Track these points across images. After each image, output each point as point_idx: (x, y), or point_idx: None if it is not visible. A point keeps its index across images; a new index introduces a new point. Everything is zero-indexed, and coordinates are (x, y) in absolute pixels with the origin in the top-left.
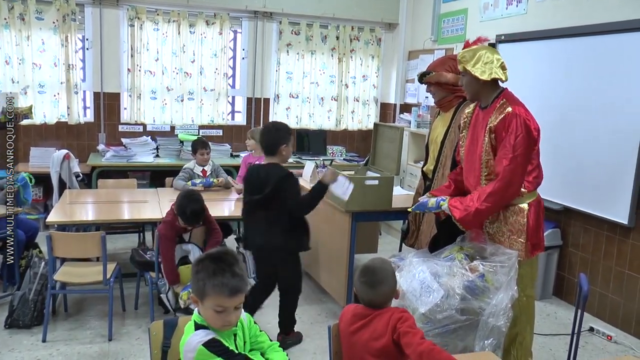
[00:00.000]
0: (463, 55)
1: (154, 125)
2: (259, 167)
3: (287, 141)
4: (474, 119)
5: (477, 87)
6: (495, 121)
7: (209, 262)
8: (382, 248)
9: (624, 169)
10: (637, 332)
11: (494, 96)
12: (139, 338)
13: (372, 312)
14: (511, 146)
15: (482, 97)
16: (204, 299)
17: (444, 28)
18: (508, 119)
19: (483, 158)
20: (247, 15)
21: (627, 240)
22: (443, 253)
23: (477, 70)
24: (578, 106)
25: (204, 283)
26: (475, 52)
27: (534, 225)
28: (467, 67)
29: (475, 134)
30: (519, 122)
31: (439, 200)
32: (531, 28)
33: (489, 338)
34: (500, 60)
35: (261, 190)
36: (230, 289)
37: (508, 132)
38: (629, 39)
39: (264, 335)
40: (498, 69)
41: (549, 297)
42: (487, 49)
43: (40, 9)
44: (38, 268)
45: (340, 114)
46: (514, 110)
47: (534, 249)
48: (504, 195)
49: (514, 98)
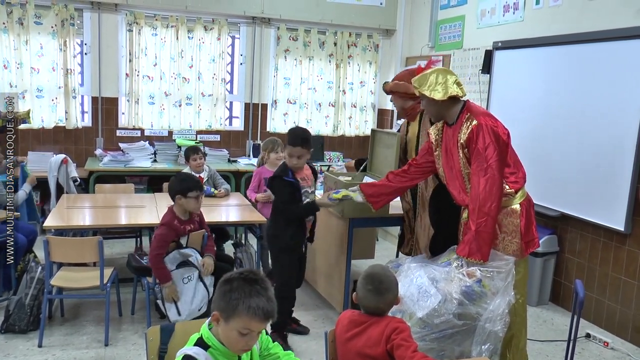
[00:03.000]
0: (416, 81)
1: (151, 130)
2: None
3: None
4: (444, 135)
5: (437, 108)
6: (465, 136)
7: (243, 283)
8: (379, 254)
9: (620, 176)
10: (633, 339)
11: (458, 112)
12: (135, 343)
13: (369, 319)
14: (483, 157)
15: (446, 116)
16: (232, 319)
17: (442, 35)
18: (475, 131)
19: (463, 172)
20: (245, 21)
21: (623, 247)
22: (440, 259)
23: (434, 93)
24: (574, 113)
25: (238, 303)
26: (426, 77)
27: (526, 223)
28: (423, 91)
29: (449, 151)
30: (485, 132)
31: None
32: (528, 35)
33: (486, 343)
34: (453, 77)
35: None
36: (265, 313)
37: (477, 143)
38: (624, 47)
39: (277, 346)
40: (453, 86)
41: (546, 303)
42: (437, 71)
43: (39, 14)
44: (35, 273)
45: (337, 120)
46: (479, 121)
47: (528, 246)
48: (496, 198)
49: (477, 109)
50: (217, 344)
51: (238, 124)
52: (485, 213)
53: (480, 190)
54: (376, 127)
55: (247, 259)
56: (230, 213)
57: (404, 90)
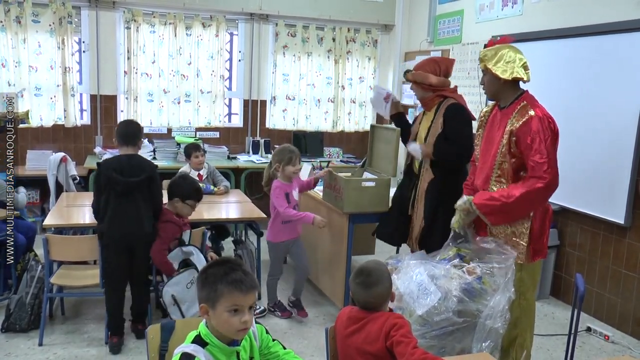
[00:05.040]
0: (485, 53)
1: (150, 127)
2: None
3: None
4: (490, 118)
5: (497, 87)
6: (517, 124)
7: (217, 266)
8: (379, 249)
9: (620, 170)
10: (634, 332)
11: (514, 97)
12: (136, 341)
13: (367, 315)
14: (545, 149)
15: (502, 97)
16: (217, 303)
17: (440, 29)
18: (533, 122)
19: (497, 159)
20: (244, 17)
21: (623, 240)
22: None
23: (499, 69)
24: (574, 107)
25: (217, 284)
26: (497, 51)
27: (538, 231)
28: (488, 65)
29: (492, 135)
30: (545, 125)
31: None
32: (527, 29)
33: (486, 340)
34: (523, 60)
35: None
36: (245, 284)
37: (534, 135)
38: (625, 40)
39: (277, 344)
40: (520, 68)
41: (546, 297)
42: (509, 48)
43: (36, 12)
44: (35, 271)
45: (337, 116)
46: (537, 113)
47: (535, 254)
48: (546, 195)
49: (534, 101)
50: (215, 340)
51: (237, 120)
52: (531, 199)
53: (525, 192)
54: (375, 122)
55: (247, 256)
56: (230, 210)
57: (421, 80)
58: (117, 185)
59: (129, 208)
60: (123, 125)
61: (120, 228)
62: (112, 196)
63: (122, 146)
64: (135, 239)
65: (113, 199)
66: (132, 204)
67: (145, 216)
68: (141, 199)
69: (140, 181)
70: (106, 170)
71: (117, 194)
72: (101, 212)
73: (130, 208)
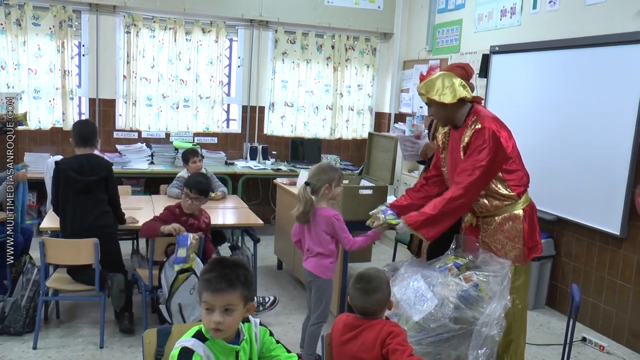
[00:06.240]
0: (422, 87)
1: (149, 132)
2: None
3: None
4: (450, 139)
5: (446, 113)
6: (467, 139)
7: (208, 265)
8: (376, 257)
9: (616, 180)
10: (629, 342)
11: (465, 115)
12: (131, 346)
13: (363, 322)
14: (476, 157)
15: (455, 119)
16: (200, 301)
17: (439, 38)
18: (477, 133)
19: None
20: (243, 23)
21: (619, 251)
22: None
23: (443, 97)
24: (571, 117)
25: (199, 281)
26: (433, 82)
27: (529, 229)
28: (432, 97)
29: (454, 155)
30: (487, 135)
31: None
32: (525, 39)
33: (482, 347)
34: (458, 80)
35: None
36: (214, 284)
37: (475, 144)
38: (621, 52)
39: (280, 348)
40: (460, 88)
41: (542, 307)
42: (442, 75)
43: (37, 15)
44: (31, 274)
45: (335, 123)
46: (483, 124)
47: (531, 252)
48: (456, 202)
49: (484, 112)
50: (211, 337)
51: (235, 126)
52: (454, 208)
53: (460, 186)
54: (373, 130)
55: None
56: (227, 216)
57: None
58: (77, 184)
59: (89, 203)
60: (79, 126)
61: (83, 222)
62: (72, 194)
63: (79, 147)
64: (97, 232)
65: (72, 196)
66: (92, 200)
67: (104, 210)
68: (100, 195)
69: (98, 179)
70: (65, 171)
71: (77, 192)
72: (60, 207)
73: (90, 203)
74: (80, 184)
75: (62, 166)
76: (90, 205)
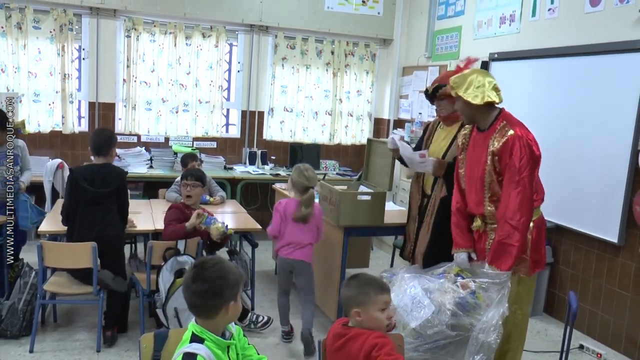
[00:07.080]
0: (454, 81)
1: (148, 136)
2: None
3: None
4: (472, 141)
5: (471, 112)
6: (498, 145)
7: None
8: (374, 263)
9: (615, 188)
10: (626, 350)
11: (492, 118)
12: (128, 350)
13: (348, 331)
14: (517, 169)
15: (479, 121)
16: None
17: (438, 45)
18: (511, 142)
19: (486, 180)
20: (243, 28)
21: (617, 259)
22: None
23: (469, 95)
24: (569, 125)
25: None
26: (466, 77)
27: (536, 242)
28: (459, 92)
29: (476, 157)
30: (522, 144)
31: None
32: (524, 47)
33: (479, 354)
34: (492, 82)
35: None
36: (187, 299)
37: (512, 155)
38: (619, 60)
39: (252, 348)
40: (491, 91)
41: (540, 314)
42: (477, 73)
43: (37, 18)
44: (29, 278)
45: (334, 129)
46: (516, 132)
47: (535, 266)
48: (525, 212)
49: (513, 119)
50: (209, 334)
51: (234, 131)
52: (513, 227)
53: (510, 203)
54: (372, 136)
55: (242, 267)
56: (226, 220)
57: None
58: (87, 194)
59: (97, 214)
60: (93, 135)
61: (90, 230)
62: (82, 203)
63: (94, 155)
64: (103, 241)
65: (82, 205)
66: (101, 211)
67: (113, 220)
68: (110, 205)
69: (109, 192)
70: (77, 180)
71: (87, 202)
72: (71, 216)
73: (99, 214)
74: (90, 195)
75: (74, 175)
76: (99, 215)
